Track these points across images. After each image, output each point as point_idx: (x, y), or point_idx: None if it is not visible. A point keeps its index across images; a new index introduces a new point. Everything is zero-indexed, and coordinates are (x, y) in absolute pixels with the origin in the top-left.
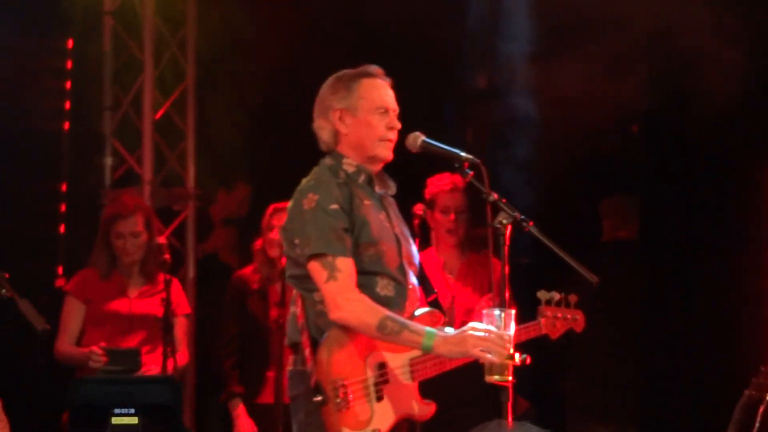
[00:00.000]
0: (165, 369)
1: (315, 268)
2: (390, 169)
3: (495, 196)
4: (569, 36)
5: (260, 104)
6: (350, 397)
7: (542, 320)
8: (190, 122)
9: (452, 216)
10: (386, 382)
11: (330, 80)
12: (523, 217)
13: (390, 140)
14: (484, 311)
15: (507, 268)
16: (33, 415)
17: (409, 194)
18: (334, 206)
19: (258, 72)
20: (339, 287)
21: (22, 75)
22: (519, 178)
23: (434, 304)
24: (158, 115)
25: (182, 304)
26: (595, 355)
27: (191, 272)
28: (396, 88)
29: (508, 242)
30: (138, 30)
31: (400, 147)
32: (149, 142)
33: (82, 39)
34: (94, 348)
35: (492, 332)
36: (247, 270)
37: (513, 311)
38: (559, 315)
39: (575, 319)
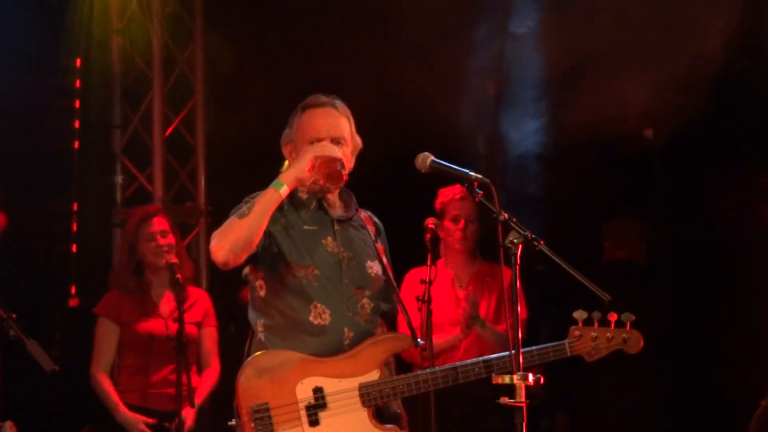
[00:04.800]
0: (180, 394)
1: None
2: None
3: (505, 215)
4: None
5: (268, 118)
6: (274, 420)
7: (567, 342)
8: (199, 138)
9: (461, 224)
10: (323, 407)
11: None
12: (534, 236)
13: None
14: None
15: (519, 284)
16: None
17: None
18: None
19: (264, 87)
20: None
21: (32, 95)
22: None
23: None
24: (168, 132)
25: (212, 316)
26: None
27: (204, 288)
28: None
29: (519, 261)
30: (146, 47)
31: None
32: (159, 159)
33: (90, 58)
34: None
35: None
36: None
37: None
38: (599, 336)
39: (626, 340)
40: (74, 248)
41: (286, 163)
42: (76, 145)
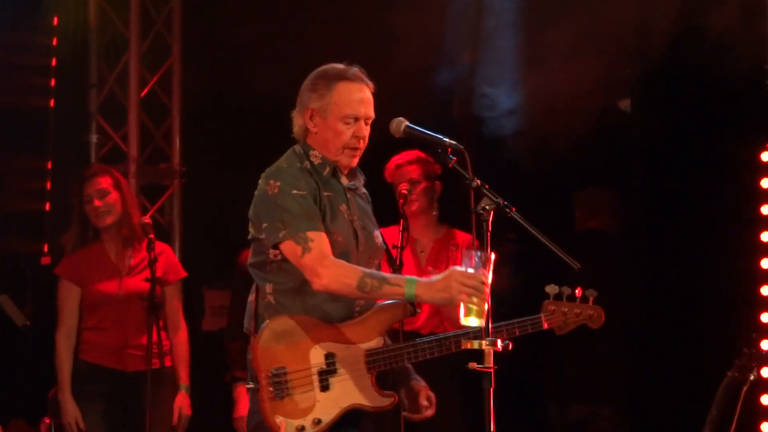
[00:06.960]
0: (150, 353)
1: (289, 247)
2: None
3: (478, 181)
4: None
5: (245, 81)
6: (289, 385)
7: (543, 315)
8: (175, 99)
9: (401, 188)
10: (334, 372)
11: (313, 74)
12: (506, 203)
13: (355, 148)
14: (464, 252)
15: (491, 254)
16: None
17: None
18: (298, 191)
19: (243, 50)
20: (314, 257)
21: (8, 52)
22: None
23: None
24: (144, 93)
25: (175, 270)
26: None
27: (177, 249)
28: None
29: (490, 228)
30: (124, 7)
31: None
32: (135, 119)
33: (68, 16)
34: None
35: (475, 276)
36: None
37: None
38: (569, 310)
39: (591, 316)
40: (48, 206)
41: (295, 119)
42: (52, 103)
